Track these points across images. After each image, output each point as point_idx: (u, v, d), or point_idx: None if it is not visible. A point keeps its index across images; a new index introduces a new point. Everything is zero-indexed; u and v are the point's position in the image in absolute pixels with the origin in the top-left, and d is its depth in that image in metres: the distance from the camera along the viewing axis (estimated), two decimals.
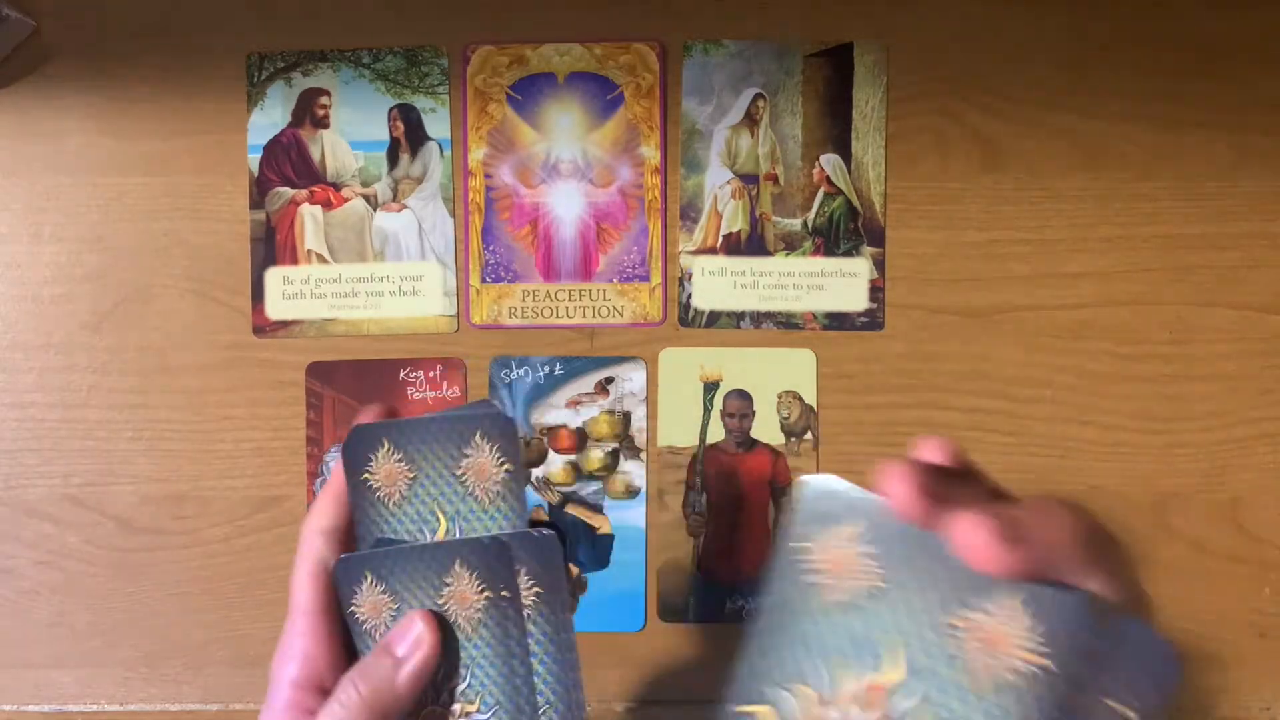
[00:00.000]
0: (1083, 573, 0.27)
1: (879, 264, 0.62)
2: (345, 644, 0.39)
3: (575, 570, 0.62)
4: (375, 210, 0.63)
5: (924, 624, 0.28)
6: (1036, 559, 0.26)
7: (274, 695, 0.38)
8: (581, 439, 0.63)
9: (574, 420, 0.62)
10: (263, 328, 0.63)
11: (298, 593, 0.39)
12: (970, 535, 0.26)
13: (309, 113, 0.63)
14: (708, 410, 0.62)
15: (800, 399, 0.62)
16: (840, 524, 0.29)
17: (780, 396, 0.62)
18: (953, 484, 0.28)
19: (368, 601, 0.38)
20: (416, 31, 0.63)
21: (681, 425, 0.62)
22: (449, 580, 0.37)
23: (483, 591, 0.37)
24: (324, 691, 0.37)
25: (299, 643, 0.38)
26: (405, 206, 0.63)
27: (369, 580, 0.38)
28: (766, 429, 0.62)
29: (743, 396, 0.62)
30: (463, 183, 0.63)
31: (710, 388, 0.62)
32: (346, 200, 0.63)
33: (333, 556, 0.39)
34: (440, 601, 0.37)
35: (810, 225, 0.62)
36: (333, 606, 0.39)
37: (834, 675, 0.29)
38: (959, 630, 0.27)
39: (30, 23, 0.61)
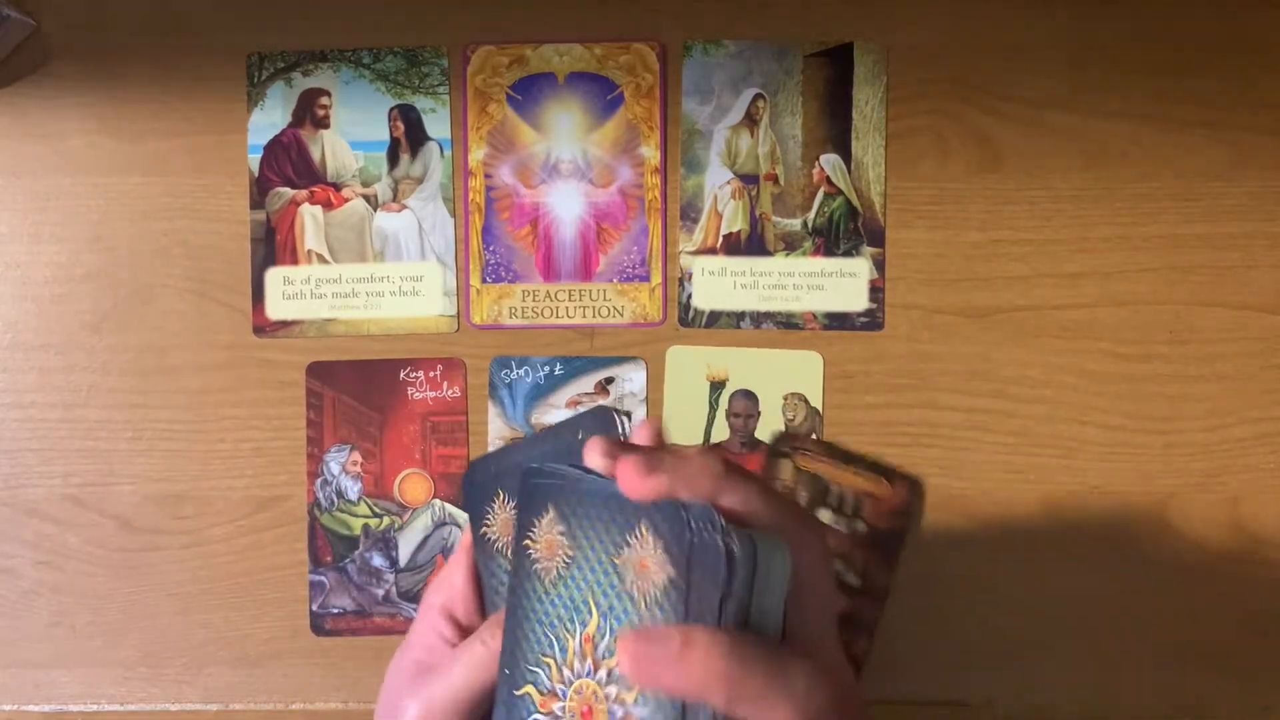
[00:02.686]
0: (711, 495, 0.32)
1: (879, 264, 0.62)
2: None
3: None
4: (375, 210, 0.63)
5: (600, 572, 0.33)
6: (669, 485, 0.32)
7: (420, 615, 0.42)
8: None
9: None
10: (263, 328, 0.63)
11: (466, 531, 0.42)
12: (621, 470, 0.32)
13: (309, 113, 0.63)
14: (713, 410, 0.62)
15: (806, 401, 0.62)
16: (544, 512, 0.35)
17: (786, 398, 0.62)
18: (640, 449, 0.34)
19: (543, 539, 0.36)
20: (416, 31, 0.63)
21: (686, 424, 0.62)
22: (631, 541, 0.33)
23: (666, 569, 0.32)
24: (454, 619, 0.41)
25: (448, 572, 0.42)
26: (405, 206, 0.63)
27: (548, 516, 0.36)
28: (771, 430, 0.62)
29: (748, 397, 0.62)
30: (463, 183, 0.63)
31: (716, 387, 0.62)
32: (347, 200, 0.63)
33: None
34: (618, 562, 0.34)
35: (810, 225, 0.62)
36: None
37: (562, 642, 0.34)
38: (623, 566, 0.33)
39: (30, 23, 0.61)
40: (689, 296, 0.62)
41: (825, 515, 0.61)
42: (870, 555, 0.61)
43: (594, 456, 0.34)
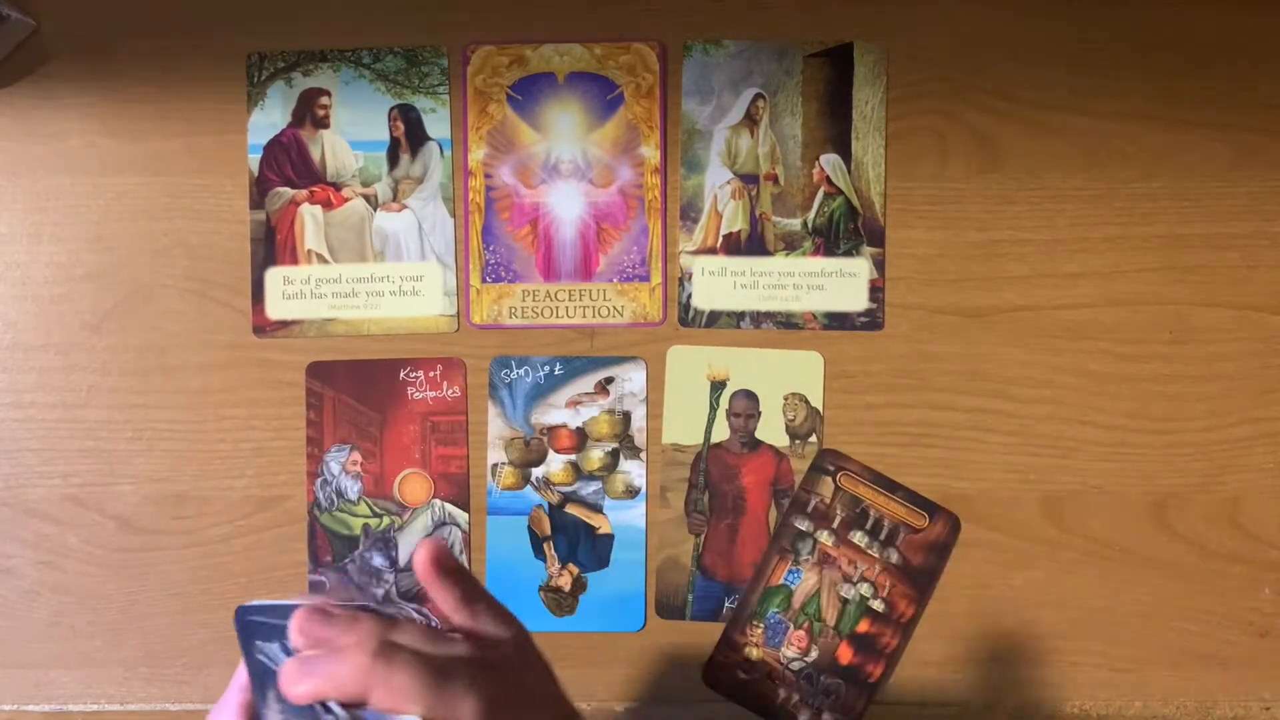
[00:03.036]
0: (361, 693, 0.33)
1: (879, 264, 0.62)
2: None
3: (575, 570, 0.62)
4: (375, 210, 0.63)
5: None
6: (319, 688, 0.34)
7: None
8: (581, 439, 0.63)
9: (574, 420, 0.62)
10: (263, 328, 0.63)
11: (241, 668, 0.42)
12: (282, 674, 0.35)
13: (309, 113, 0.63)
14: (714, 409, 0.62)
15: (806, 401, 0.62)
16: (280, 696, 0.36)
17: (786, 398, 0.62)
18: (341, 623, 0.35)
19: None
20: (416, 31, 0.63)
21: (687, 423, 0.62)
22: None
23: None
24: None
25: (223, 706, 0.42)
26: (405, 206, 0.63)
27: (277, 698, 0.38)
28: (771, 430, 0.62)
29: (749, 397, 0.62)
30: (463, 183, 0.63)
31: (716, 387, 0.62)
32: (346, 200, 0.63)
33: None
34: None
35: (810, 225, 0.62)
36: None
37: None
38: None
39: (30, 23, 0.61)
40: (689, 296, 0.62)
41: (859, 538, 0.61)
42: (899, 585, 0.61)
43: (292, 633, 0.36)
